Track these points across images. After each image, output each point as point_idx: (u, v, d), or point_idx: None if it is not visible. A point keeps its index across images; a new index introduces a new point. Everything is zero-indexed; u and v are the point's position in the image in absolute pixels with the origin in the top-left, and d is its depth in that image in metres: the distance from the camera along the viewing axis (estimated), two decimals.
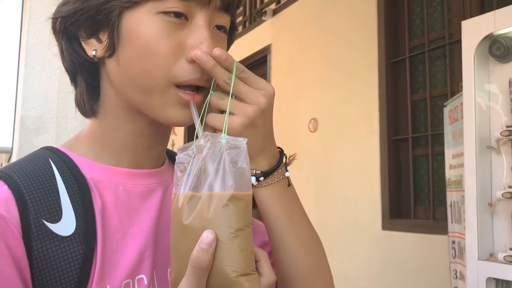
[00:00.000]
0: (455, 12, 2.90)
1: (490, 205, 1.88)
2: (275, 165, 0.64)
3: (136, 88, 0.59)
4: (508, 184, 1.82)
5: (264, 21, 4.65)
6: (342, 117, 3.58)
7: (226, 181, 0.53)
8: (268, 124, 0.62)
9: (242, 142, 0.55)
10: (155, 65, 0.57)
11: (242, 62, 4.41)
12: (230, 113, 0.58)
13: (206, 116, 0.59)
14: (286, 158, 0.66)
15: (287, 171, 0.66)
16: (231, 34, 0.68)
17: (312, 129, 3.91)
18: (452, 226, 2.37)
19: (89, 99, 0.64)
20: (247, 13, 5.13)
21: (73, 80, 0.65)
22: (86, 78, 0.64)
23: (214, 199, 0.53)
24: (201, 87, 0.60)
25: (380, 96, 3.22)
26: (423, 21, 3.11)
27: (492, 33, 1.87)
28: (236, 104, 0.58)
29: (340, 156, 3.56)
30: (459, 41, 2.72)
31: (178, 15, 0.57)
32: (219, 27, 0.62)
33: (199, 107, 0.60)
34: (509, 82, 1.84)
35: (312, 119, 3.90)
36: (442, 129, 2.55)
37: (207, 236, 0.51)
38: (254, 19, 4.77)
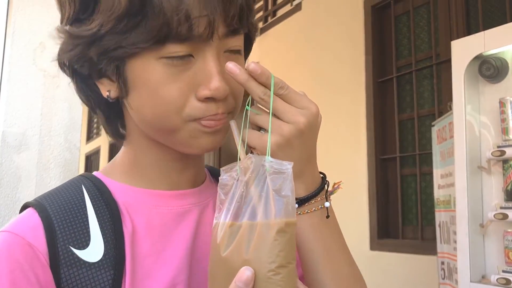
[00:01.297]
0: (442, 32, 2.92)
1: (482, 226, 1.86)
2: (314, 192, 0.59)
3: (154, 129, 0.58)
4: (499, 205, 1.81)
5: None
6: (330, 136, 3.57)
7: (268, 209, 0.49)
8: (309, 146, 0.58)
9: (288, 166, 0.50)
10: (166, 109, 0.55)
11: None
12: (265, 131, 0.54)
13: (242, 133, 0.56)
14: (328, 185, 0.62)
15: (327, 200, 0.61)
16: (248, 47, 0.66)
17: None
18: (441, 247, 2.35)
19: (110, 129, 0.63)
20: None
21: (93, 112, 0.63)
22: (104, 111, 0.62)
23: (254, 230, 0.48)
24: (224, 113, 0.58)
25: (368, 115, 3.23)
26: (410, 41, 3.13)
27: (482, 53, 1.87)
28: (273, 121, 0.54)
29: (328, 175, 3.53)
30: (446, 61, 2.75)
31: (181, 57, 0.54)
32: (230, 51, 0.58)
33: (227, 128, 0.58)
34: (499, 102, 1.84)
35: None
36: (430, 149, 2.55)
37: (244, 273, 0.47)
38: None
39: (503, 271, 1.77)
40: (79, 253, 0.55)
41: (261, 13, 4.67)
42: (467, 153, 1.86)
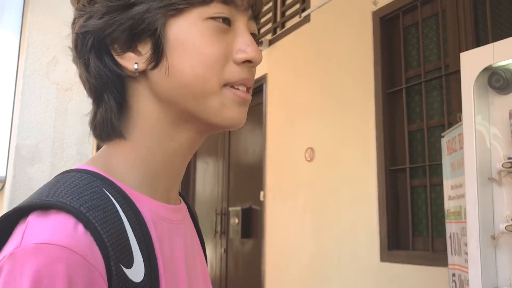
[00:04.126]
0: (451, 43, 2.93)
1: (493, 238, 1.85)
2: None
3: (189, 95, 0.57)
4: (510, 216, 1.80)
5: (260, 51, 4.67)
6: (339, 147, 3.58)
7: None
8: None
9: None
10: (208, 69, 0.56)
11: None
12: None
13: None
14: None
15: None
16: None
17: (308, 159, 3.90)
18: (452, 258, 2.34)
19: (118, 118, 0.58)
20: None
21: (99, 100, 0.59)
22: (115, 95, 0.58)
23: None
24: (249, 87, 0.61)
25: (377, 126, 3.23)
26: (419, 52, 3.14)
27: (491, 65, 1.88)
28: None
29: (337, 186, 3.53)
30: (455, 72, 2.75)
31: (225, 20, 0.57)
32: (252, 34, 0.63)
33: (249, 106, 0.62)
34: (509, 113, 1.84)
35: (309, 148, 3.89)
36: (440, 160, 2.54)
37: None
38: None
39: None
40: (128, 272, 0.49)
41: (270, 25, 4.71)
42: (477, 165, 1.86)
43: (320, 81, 3.84)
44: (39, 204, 0.48)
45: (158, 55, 0.56)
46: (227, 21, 0.58)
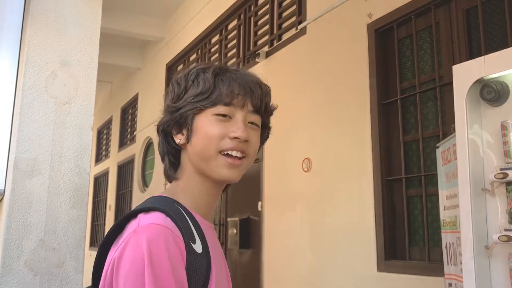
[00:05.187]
0: (445, 55, 2.97)
1: (487, 248, 1.87)
2: None
3: (200, 158, 0.95)
4: (503, 227, 1.82)
5: (257, 62, 4.72)
6: (335, 157, 3.60)
7: None
8: None
9: None
10: (209, 142, 0.94)
11: None
12: None
13: None
14: None
15: None
16: (265, 131, 1.05)
17: (305, 169, 3.92)
18: (448, 268, 2.35)
19: (170, 170, 1.01)
20: (241, 55, 5.22)
21: (163, 159, 1.02)
22: (170, 158, 1.01)
23: None
24: (241, 157, 0.96)
25: (373, 137, 3.25)
26: (413, 63, 3.18)
27: (482, 77, 1.91)
28: None
29: (334, 197, 3.55)
30: (449, 84, 2.79)
31: (224, 115, 0.95)
32: (252, 123, 0.98)
33: (241, 169, 0.96)
34: (501, 125, 1.87)
35: (306, 159, 3.91)
36: (435, 170, 2.56)
37: None
38: (248, 60, 4.86)
39: None
40: (193, 245, 0.87)
41: (267, 37, 4.75)
42: (470, 175, 1.88)
43: (316, 92, 3.87)
44: (144, 209, 0.89)
45: (189, 135, 0.96)
46: (226, 116, 0.95)
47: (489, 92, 1.89)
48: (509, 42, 2.54)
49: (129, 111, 8.97)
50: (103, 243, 0.91)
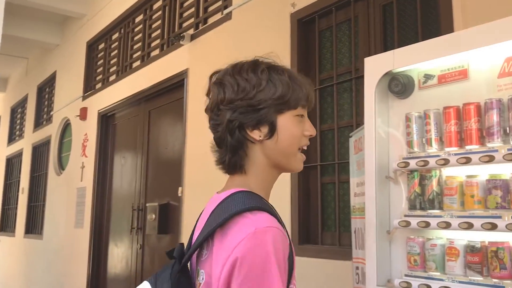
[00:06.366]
0: (361, 48, 3.08)
1: (388, 232, 1.98)
2: None
3: (284, 155, 1.11)
4: (404, 213, 1.94)
5: (181, 45, 4.64)
6: None
7: None
8: None
9: None
10: (295, 141, 1.12)
11: (158, 85, 4.37)
12: None
13: None
14: None
15: None
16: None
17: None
18: (356, 252, 2.46)
19: (234, 163, 1.12)
20: (165, 36, 5.10)
21: (233, 152, 1.11)
22: (243, 151, 1.11)
23: None
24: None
25: None
26: (332, 55, 3.26)
27: (391, 70, 2.00)
28: None
29: None
30: (363, 76, 2.90)
31: (301, 116, 1.13)
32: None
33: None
34: (405, 117, 1.98)
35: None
36: (348, 158, 2.66)
37: None
38: (172, 42, 4.75)
39: (405, 275, 1.89)
40: (288, 238, 1.02)
41: (192, 20, 4.68)
42: (376, 164, 1.97)
43: None
44: (249, 208, 1.00)
45: (272, 133, 1.09)
46: (302, 116, 1.13)
47: (396, 85, 1.98)
48: (420, 38, 2.68)
49: (46, 90, 8.50)
50: (205, 237, 1.01)
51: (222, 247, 0.96)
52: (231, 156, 1.10)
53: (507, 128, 1.69)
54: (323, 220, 3.19)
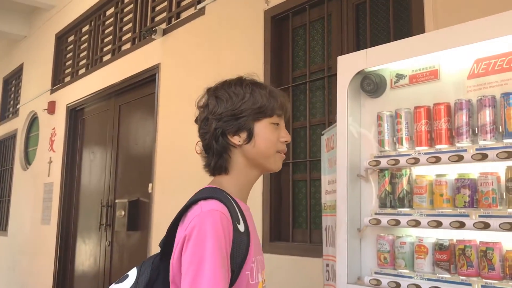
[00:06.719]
0: (334, 46, 3.09)
1: (359, 230, 1.99)
2: None
3: (262, 156, 1.28)
4: (374, 211, 1.95)
5: (153, 39, 4.58)
6: None
7: None
8: None
9: None
10: (271, 145, 1.28)
11: (129, 79, 4.28)
12: None
13: None
14: None
15: None
16: None
17: (199, 151, 3.88)
18: (326, 250, 2.48)
19: (219, 165, 1.28)
20: (137, 30, 5.02)
21: (218, 155, 1.28)
22: (227, 155, 1.28)
23: None
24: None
25: None
26: (305, 53, 3.27)
27: (364, 69, 2.01)
28: None
29: None
30: (336, 74, 2.91)
31: (277, 124, 1.29)
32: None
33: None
34: (377, 116, 1.99)
35: (200, 141, 3.88)
36: (320, 156, 2.67)
37: None
38: (144, 36, 4.68)
39: (375, 273, 1.91)
40: (238, 226, 1.16)
41: (164, 14, 4.62)
42: (347, 162, 1.98)
43: (212, 74, 3.83)
44: (204, 197, 1.17)
45: (250, 138, 1.26)
46: (278, 124, 1.29)
47: (368, 84, 2.00)
48: (391, 38, 2.70)
49: (12, 82, 8.26)
50: (173, 224, 1.19)
51: (180, 229, 1.16)
52: (217, 159, 1.27)
53: (476, 129, 1.72)
54: (294, 217, 3.20)
